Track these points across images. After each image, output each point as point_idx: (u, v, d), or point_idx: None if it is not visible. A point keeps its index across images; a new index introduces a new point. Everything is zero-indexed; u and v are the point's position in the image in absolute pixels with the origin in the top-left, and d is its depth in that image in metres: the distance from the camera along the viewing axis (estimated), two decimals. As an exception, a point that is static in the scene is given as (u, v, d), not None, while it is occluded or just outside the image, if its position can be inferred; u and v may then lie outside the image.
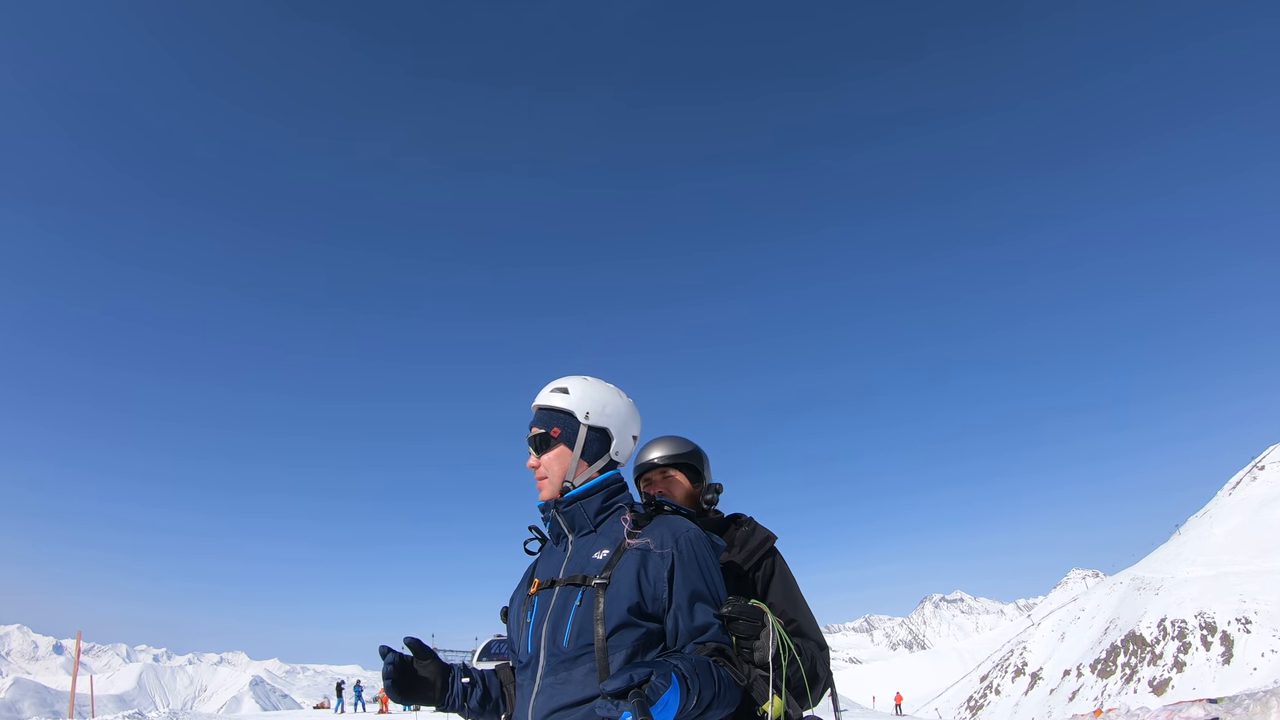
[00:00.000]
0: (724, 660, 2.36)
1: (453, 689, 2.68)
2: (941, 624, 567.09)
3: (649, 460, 3.49)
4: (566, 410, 2.72)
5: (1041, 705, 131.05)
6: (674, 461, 3.48)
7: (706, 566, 2.50)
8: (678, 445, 3.53)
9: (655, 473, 3.48)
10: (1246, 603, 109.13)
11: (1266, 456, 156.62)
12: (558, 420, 2.72)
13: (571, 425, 2.71)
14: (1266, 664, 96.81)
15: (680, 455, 3.48)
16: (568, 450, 2.70)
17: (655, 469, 3.48)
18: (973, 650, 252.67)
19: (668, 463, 3.47)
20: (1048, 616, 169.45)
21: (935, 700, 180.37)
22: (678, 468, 3.48)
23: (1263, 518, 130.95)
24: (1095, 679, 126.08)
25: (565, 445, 2.70)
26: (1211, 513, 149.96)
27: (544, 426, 2.72)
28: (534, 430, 2.73)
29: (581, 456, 2.71)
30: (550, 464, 2.69)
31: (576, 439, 2.71)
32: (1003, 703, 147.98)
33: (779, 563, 3.17)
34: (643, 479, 3.53)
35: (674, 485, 3.45)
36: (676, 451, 3.49)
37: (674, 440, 3.56)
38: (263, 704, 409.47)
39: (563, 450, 2.70)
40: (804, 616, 3.01)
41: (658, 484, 3.46)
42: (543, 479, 2.71)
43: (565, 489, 2.69)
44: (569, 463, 2.69)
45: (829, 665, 2.98)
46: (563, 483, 2.69)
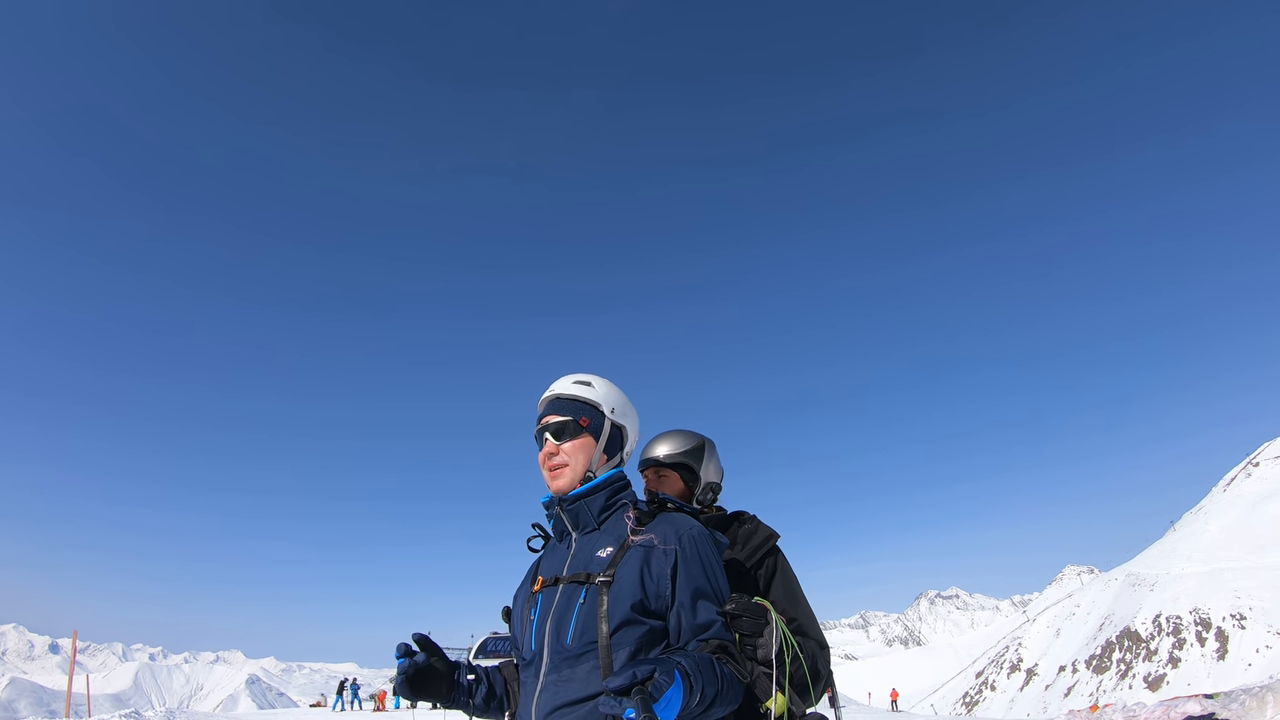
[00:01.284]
0: (727, 657, 2.35)
1: (459, 686, 2.65)
2: (937, 620, 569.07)
3: (654, 456, 3.51)
4: (593, 402, 2.72)
5: (1037, 701, 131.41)
6: (671, 461, 3.49)
7: (709, 564, 2.50)
8: (679, 443, 3.53)
9: (650, 471, 3.51)
10: (1241, 599, 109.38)
11: (1261, 453, 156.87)
12: (585, 410, 2.70)
13: (598, 417, 2.71)
14: (1261, 660, 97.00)
15: (676, 455, 3.49)
16: (593, 441, 2.69)
17: (651, 467, 3.52)
18: (968, 646, 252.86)
19: (664, 462, 3.49)
20: (1043, 613, 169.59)
21: (931, 696, 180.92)
22: (673, 468, 3.49)
23: (1258, 514, 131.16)
24: (1090, 675, 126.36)
25: (591, 436, 2.69)
26: (1206, 509, 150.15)
27: (570, 415, 2.69)
28: (554, 418, 2.69)
29: (604, 450, 2.71)
30: (574, 453, 2.66)
31: (602, 432, 2.70)
32: (998, 699, 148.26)
33: (781, 561, 3.17)
34: (644, 474, 3.55)
35: (666, 486, 3.47)
36: (675, 450, 3.50)
37: (678, 437, 3.57)
38: (259, 702, 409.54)
39: (588, 440, 2.68)
40: (805, 615, 3.01)
41: (651, 483, 3.49)
42: (563, 467, 2.66)
43: (587, 478, 2.66)
44: (593, 453, 2.68)
45: (829, 664, 2.98)
46: (585, 473, 2.67)
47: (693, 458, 3.49)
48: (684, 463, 3.48)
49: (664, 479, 3.47)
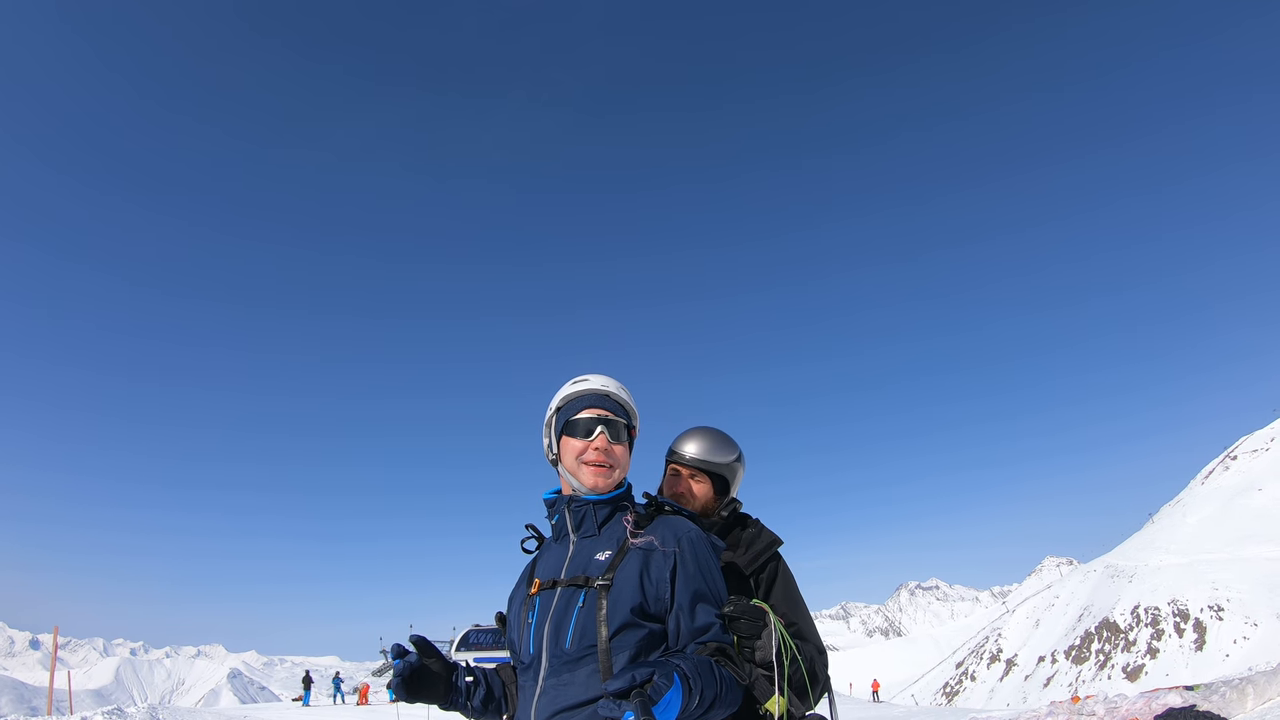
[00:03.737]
0: (726, 660, 2.36)
1: (457, 688, 2.63)
2: (917, 611, 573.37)
3: (683, 453, 3.36)
4: (635, 411, 2.74)
5: (1017, 691, 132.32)
6: (707, 468, 3.35)
7: (708, 567, 2.50)
8: (719, 448, 3.38)
9: (683, 469, 3.37)
10: (1219, 590, 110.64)
11: (1239, 447, 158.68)
12: (631, 418, 2.72)
13: (633, 430, 2.74)
14: (1239, 651, 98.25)
15: (715, 464, 3.34)
16: (628, 451, 2.69)
17: (684, 465, 3.37)
18: (948, 637, 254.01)
19: (699, 466, 3.34)
20: (1023, 604, 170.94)
21: (911, 687, 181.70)
22: (709, 476, 3.37)
23: (1235, 507, 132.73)
24: (1069, 665, 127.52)
25: (629, 445, 2.69)
26: (1185, 502, 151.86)
27: (623, 418, 2.69)
28: (613, 416, 2.66)
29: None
30: (621, 457, 2.64)
31: (633, 442, 2.73)
32: (978, 689, 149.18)
33: (782, 566, 3.18)
34: (670, 466, 3.42)
35: (693, 490, 3.34)
36: (715, 458, 3.35)
37: (718, 440, 3.41)
38: (241, 696, 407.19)
39: (627, 449, 2.68)
40: (804, 620, 3.02)
41: (678, 484, 3.35)
42: (610, 467, 2.61)
43: (619, 484, 2.65)
44: (628, 463, 2.68)
45: (828, 668, 2.98)
46: (622, 480, 2.67)
47: (730, 472, 3.38)
48: (720, 475, 3.37)
49: (695, 481, 3.35)
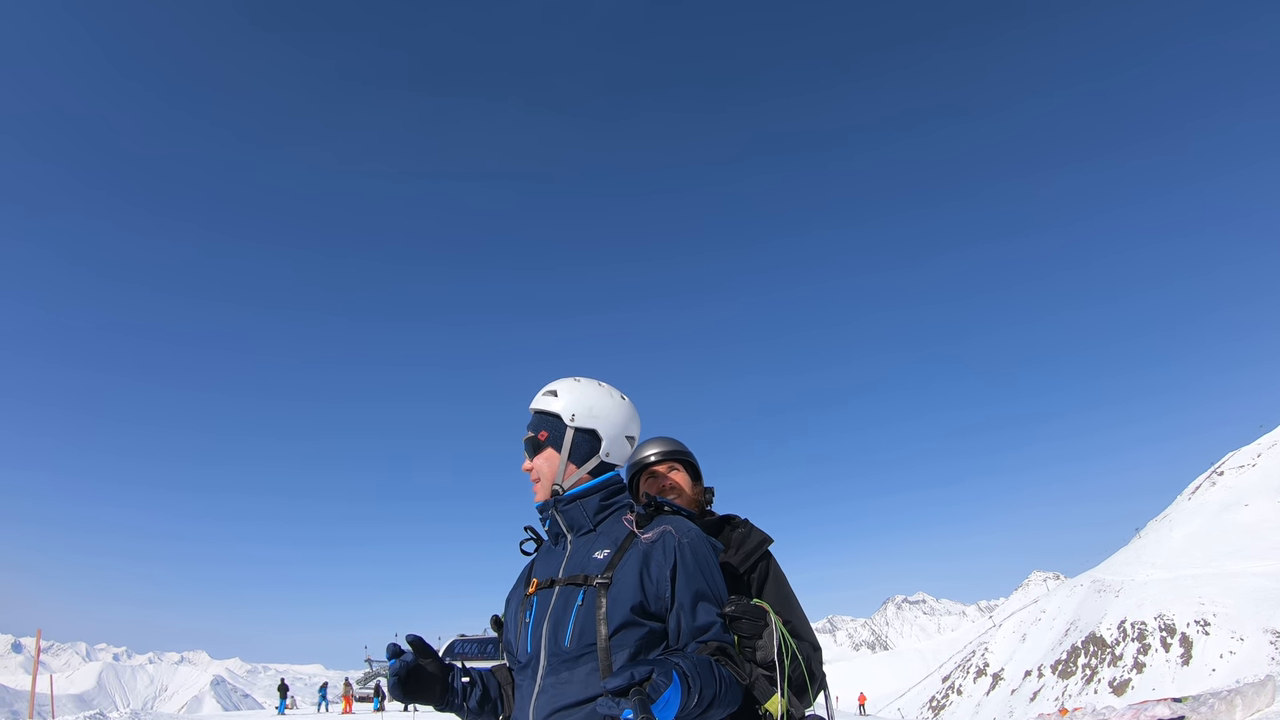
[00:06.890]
0: (726, 659, 2.37)
1: (453, 688, 2.66)
2: (904, 625, 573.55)
3: (645, 459, 3.39)
4: (554, 413, 2.74)
5: (1003, 705, 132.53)
6: (677, 457, 3.39)
7: (708, 566, 2.52)
8: (673, 441, 3.44)
9: (661, 467, 3.38)
10: (1205, 605, 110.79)
11: (1225, 462, 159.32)
12: (546, 424, 2.74)
13: (559, 428, 2.73)
14: (1225, 665, 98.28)
15: (681, 450, 3.40)
16: (555, 453, 2.72)
17: (657, 464, 3.38)
18: (935, 651, 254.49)
19: (668, 458, 3.38)
20: (1009, 618, 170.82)
21: (898, 700, 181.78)
22: (682, 464, 3.39)
23: (1221, 522, 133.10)
24: (1056, 679, 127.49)
25: (553, 448, 2.72)
26: (1171, 517, 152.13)
27: (534, 430, 2.75)
28: (528, 433, 2.77)
29: (569, 459, 2.72)
30: (541, 466, 2.73)
31: (563, 442, 2.72)
32: (965, 703, 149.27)
33: (773, 565, 3.14)
34: (642, 477, 3.41)
35: (678, 481, 3.35)
36: (676, 447, 3.41)
37: (666, 437, 3.47)
38: (224, 704, 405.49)
39: (550, 453, 2.72)
40: (798, 618, 2.97)
41: (663, 479, 3.36)
42: (536, 481, 2.74)
43: (556, 491, 2.70)
44: (557, 465, 2.71)
45: (823, 664, 2.95)
46: (553, 485, 2.71)
47: (694, 458, 3.44)
48: (689, 461, 3.42)
49: (675, 473, 3.37)
